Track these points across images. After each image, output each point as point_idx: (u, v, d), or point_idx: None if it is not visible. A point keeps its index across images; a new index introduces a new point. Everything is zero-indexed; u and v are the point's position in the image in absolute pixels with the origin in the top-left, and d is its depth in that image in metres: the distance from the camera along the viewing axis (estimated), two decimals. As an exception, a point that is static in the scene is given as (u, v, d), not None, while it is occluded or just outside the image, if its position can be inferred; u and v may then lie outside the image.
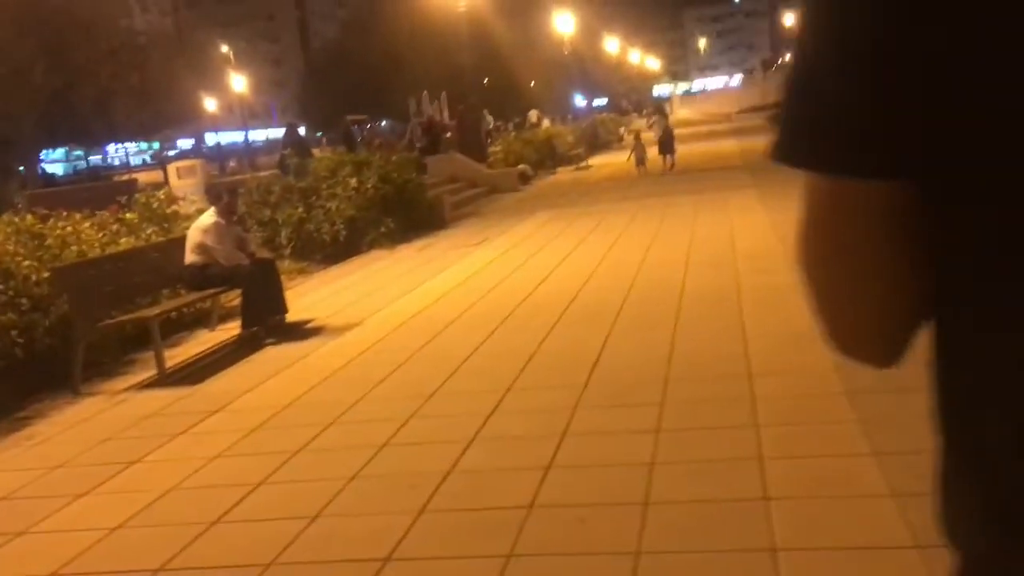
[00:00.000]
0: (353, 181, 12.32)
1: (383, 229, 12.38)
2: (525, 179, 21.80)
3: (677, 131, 24.00)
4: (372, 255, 12.11)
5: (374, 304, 8.60)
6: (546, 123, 37.77)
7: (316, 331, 7.65)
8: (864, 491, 3.32)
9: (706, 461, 3.81)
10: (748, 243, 9.15)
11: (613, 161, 27.53)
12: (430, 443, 4.52)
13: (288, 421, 5.20)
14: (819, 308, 0.69)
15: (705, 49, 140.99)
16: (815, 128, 0.63)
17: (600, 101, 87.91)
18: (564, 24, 43.90)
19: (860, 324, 0.68)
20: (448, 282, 9.30)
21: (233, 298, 8.13)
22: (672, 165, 20.89)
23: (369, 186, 12.42)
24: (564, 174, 24.52)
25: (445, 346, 6.52)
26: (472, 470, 4.08)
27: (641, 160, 21.01)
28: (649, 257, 9.17)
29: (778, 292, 6.78)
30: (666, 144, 21.78)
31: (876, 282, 0.65)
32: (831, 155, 0.63)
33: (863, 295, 0.66)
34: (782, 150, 0.66)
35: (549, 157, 25.87)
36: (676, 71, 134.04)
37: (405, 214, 13.29)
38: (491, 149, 25.26)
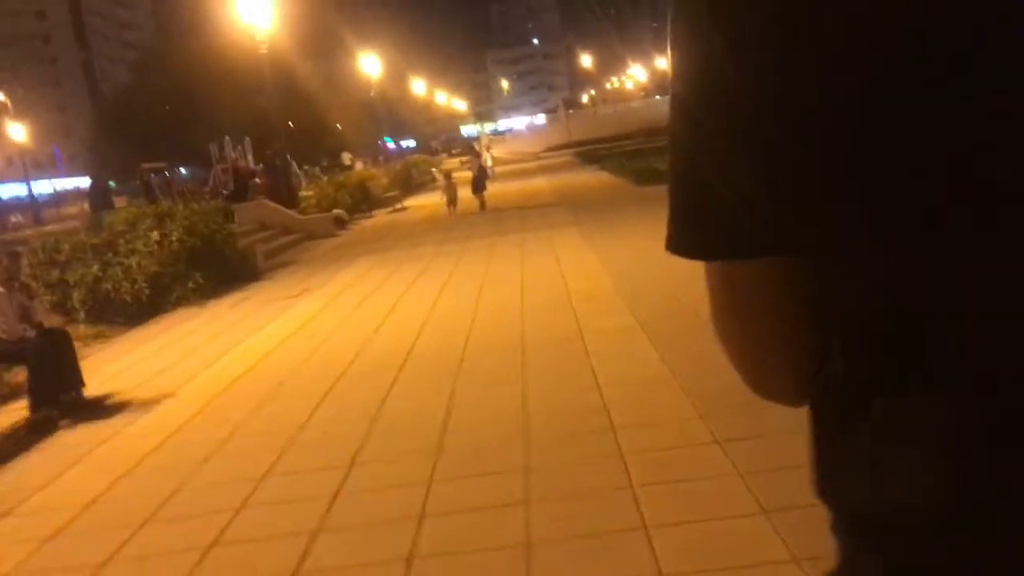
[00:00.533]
0: (155, 234, 11.32)
1: (191, 285, 11.44)
2: (341, 224, 21.13)
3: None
4: (180, 314, 11.14)
5: (187, 370, 7.78)
6: (359, 165, 37.18)
7: (121, 407, 6.78)
8: (766, 558, 3.05)
9: (588, 536, 3.44)
10: (582, 284, 9.01)
11: (429, 202, 27.28)
12: (267, 539, 3.92)
13: (93, 523, 4.43)
14: (734, 363, 0.75)
15: (508, 90, 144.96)
16: (698, 218, 0.69)
17: (408, 142, 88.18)
18: (370, 66, 43.56)
19: (770, 374, 0.74)
20: (269, 340, 8.60)
21: (19, 374, 7.11)
22: (482, 204, 20.84)
23: (173, 239, 11.46)
24: (381, 217, 24.00)
25: (274, 416, 5.88)
26: (321, 570, 3.53)
27: (452, 200, 20.91)
28: (483, 302, 8.85)
29: (622, 335, 6.60)
30: (479, 183, 21.89)
31: (778, 338, 0.71)
32: (715, 243, 0.68)
33: (769, 351, 0.73)
34: (673, 243, 0.71)
35: (364, 200, 25.30)
36: (482, 111, 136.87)
37: (215, 267, 12.38)
38: (303, 194, 24.42)
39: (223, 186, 23.31)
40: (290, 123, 61.92)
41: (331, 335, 8.44)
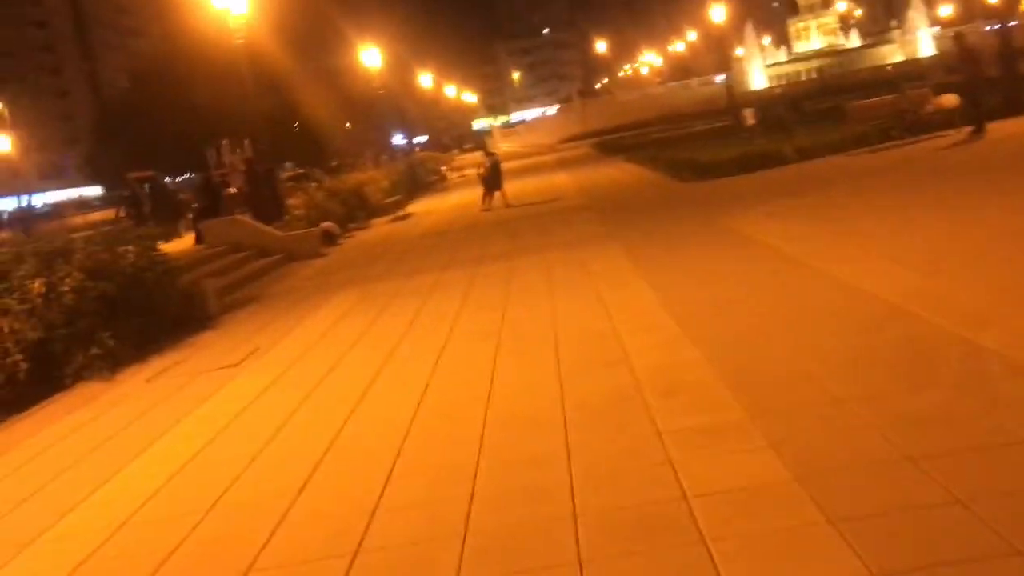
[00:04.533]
0: (36, 283, 8.12)
1: (96, 350, 8.26)
2: (330, 239, 17.95)
3: (503, 165, 21.09)
4: (80, 393, 7.98)
5: (21, 529, 4.63)
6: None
7: None
8: None
9: None
10: (652, 356, 5.74)
11: (437, 207, 24.12)
12: None
13: None
14: None
15: (519, 81, 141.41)
16: None
17: (420, 138, 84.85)
18: (373, 59, 40.27)
19: None
20: (166, 462, 5.40)
21: None
22: (503, 201, 19.24)
23: (65, 288, 8.26)
24: (380, 227, 20.83)
25: None
26: None
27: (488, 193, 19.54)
28: (498, 393, 5.59)
29: (773, 513, 3.33)
30: (493, 181, 19.28)
31: None
32: None
33: None
34: None
35: (360, 208, 22.11)
36: (493, 104, 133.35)
37: (141, 318, 9.23)
38: (290, 202, 21.25)
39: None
40: (296, 124, 59.17)
41: (261, 453, 5.23)
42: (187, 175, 52.54)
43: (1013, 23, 27.96)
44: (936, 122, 16.44)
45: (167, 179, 39.63)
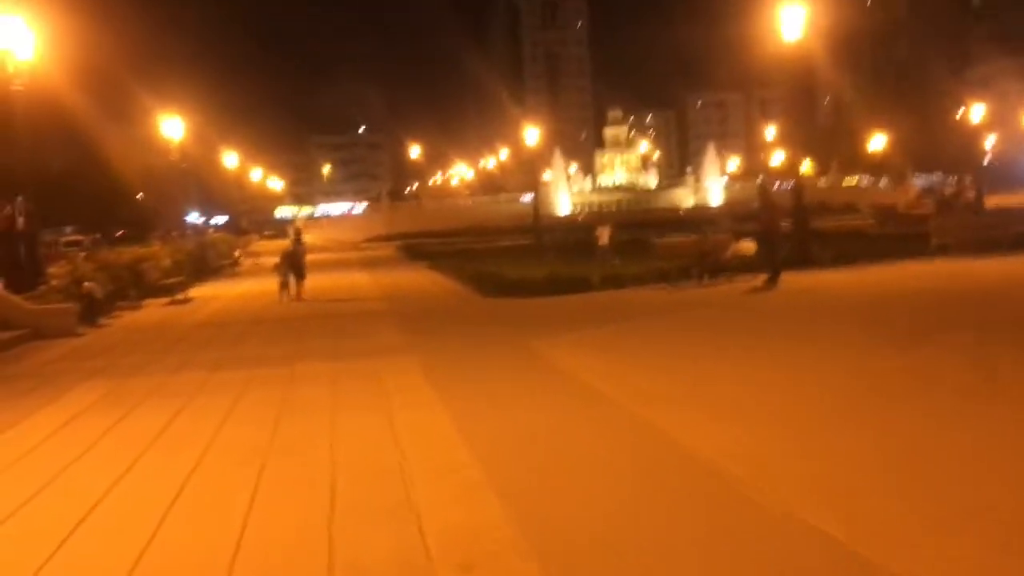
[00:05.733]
0: None
1: None
2: (91, 318, 15.83)
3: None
4: None
5: None
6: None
7: None
8: None
9: None
10: (446, 509, 4.73)
11: (224, 293, 22.29)
12: None
13: None
14: None
15: (329, 174, 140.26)
16: None
17: (220, 218, 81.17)
18: (173, 129, 37.97)
19: None
20: None
21: None
22: (297, 295, 18.44)
23: None
24: (153, 309, 18.77)
25: None
26: None
27: (285, 283, 18.42)
28: (249, 547, 4.34)
29: None
30: (292, 271, 18.71)
31: None
32: None
33: None
34: None
35: (134, 286, 19.96)
36: (300, 193, 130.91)
37: None
38: (51, 270, 18.85)
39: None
40: (78, 184, 54.80)
41: None
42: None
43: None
44: (734, 266, 16.86)
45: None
